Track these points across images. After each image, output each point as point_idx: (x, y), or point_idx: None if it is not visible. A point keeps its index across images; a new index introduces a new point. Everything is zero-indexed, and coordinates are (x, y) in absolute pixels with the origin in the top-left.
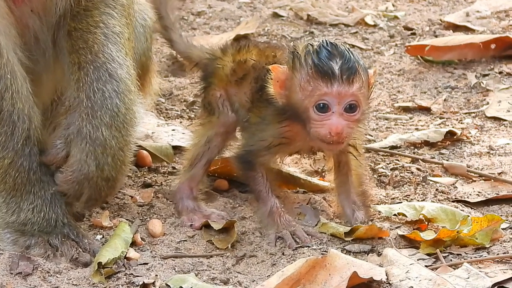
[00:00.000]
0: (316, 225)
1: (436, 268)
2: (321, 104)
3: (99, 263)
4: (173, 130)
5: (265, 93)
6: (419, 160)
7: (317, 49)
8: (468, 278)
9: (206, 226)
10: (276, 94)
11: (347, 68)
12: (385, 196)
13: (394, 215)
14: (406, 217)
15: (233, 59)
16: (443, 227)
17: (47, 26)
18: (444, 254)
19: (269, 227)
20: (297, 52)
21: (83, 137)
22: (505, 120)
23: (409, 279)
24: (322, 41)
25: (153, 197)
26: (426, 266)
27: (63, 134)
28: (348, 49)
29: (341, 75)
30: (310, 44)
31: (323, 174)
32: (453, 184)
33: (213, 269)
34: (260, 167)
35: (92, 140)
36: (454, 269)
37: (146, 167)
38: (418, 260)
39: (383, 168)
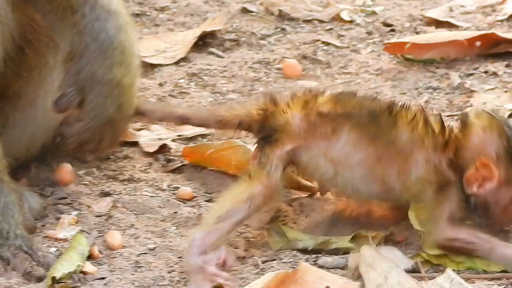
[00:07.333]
0: None
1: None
2: None
3: (53, 278)
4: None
5: None
6: None
7: None
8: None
9: None
10: (471, 189)
11: None
12: None
13: None
14: None
15: (304, 111)
16: None
17: None
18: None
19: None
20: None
21: (98, 80)
22: None
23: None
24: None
25: (112, 206)
26: (406, 270)
27: (73, 80)
28: None
29: None
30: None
31: None
32: None
33: (175, 284)
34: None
35: (108, 82)
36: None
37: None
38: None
39: None
